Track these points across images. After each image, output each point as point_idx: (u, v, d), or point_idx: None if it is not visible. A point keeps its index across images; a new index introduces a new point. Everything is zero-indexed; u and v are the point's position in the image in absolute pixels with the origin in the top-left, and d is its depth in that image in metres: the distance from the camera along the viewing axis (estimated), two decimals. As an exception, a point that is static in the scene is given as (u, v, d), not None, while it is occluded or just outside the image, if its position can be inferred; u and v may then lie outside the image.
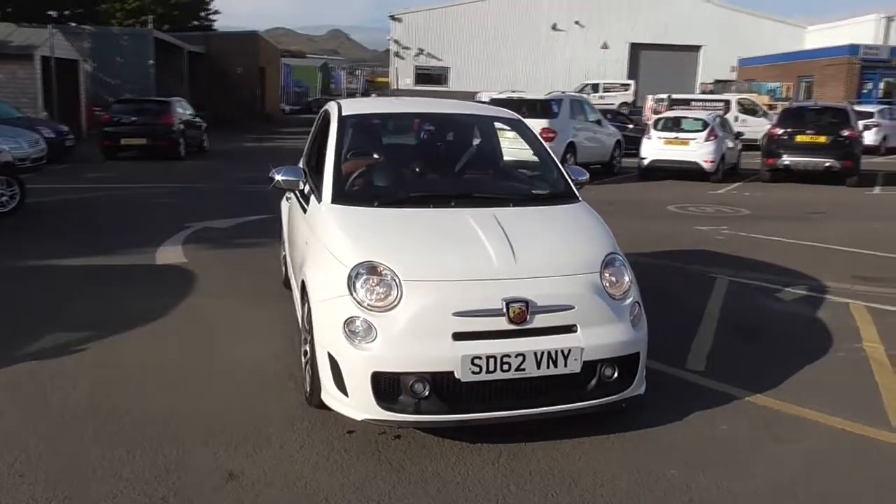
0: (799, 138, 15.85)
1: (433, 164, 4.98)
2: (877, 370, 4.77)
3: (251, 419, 3.88)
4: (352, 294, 3.53)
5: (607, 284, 3.77)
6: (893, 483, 3.44)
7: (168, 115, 18.83)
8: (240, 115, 33.24)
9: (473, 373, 3.38)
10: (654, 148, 16.41)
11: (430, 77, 43.63)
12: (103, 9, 38.22)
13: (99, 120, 20.32)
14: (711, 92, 35.83)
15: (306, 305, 3.98)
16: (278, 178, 4.56)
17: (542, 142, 5.02)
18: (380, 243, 3.74)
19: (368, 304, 3.50)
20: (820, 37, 40.09)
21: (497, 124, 5.34)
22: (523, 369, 3.43)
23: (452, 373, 3.38)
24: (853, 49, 32.23)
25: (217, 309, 5.83)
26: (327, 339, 3.58)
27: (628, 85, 38.66)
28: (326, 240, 3.92)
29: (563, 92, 21.06)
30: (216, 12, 45.13)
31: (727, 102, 26.66)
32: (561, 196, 4.50)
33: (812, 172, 15.68)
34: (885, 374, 4.71)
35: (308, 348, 3.98)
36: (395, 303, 3.47)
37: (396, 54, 44.32)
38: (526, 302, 3.47)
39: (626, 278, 3.87)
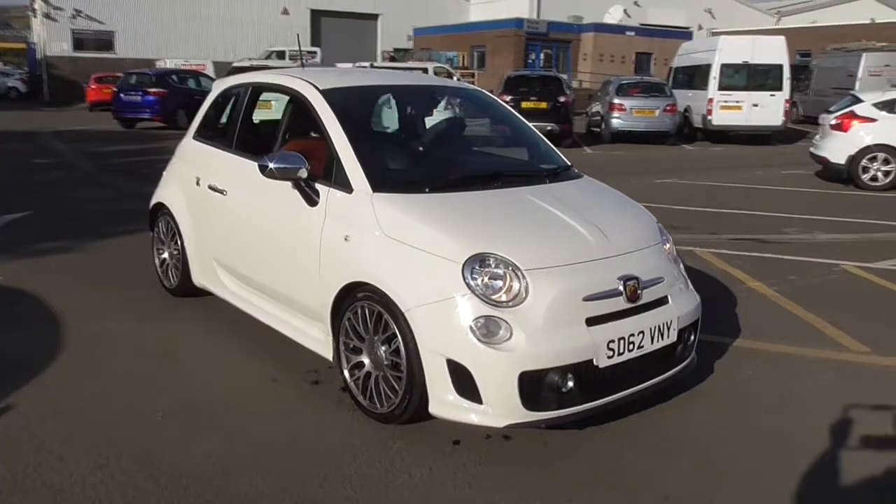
0: (524, 104, 17.36)
1: (440, 141, 4.60)
2: (784, 304, 5.58)
3: (346, 456, 3.33)
4: (472, 291, 3.19)
5: (668, 252, 3.90)
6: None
7: None
8: None
9: (608, 357, 3.32)
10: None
11: (92, 42, 38.98)
12: None
13: None
14: (393, 59, 37.45)
15: (359, 311, 3.52)
16: (272, 165, 3.84)
17: (520, 116, 4.92)
18: (479, 232, 3.42)
19: (493, 300, 3.20)
20: (482, 10, 43.74)
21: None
22: (643, 346, 3.45)
23: (591, 360, 3.27)
24: (518, 22, 35.86)
25: (125, 333, 4.76)
26: (445, 344, 3.21)
27: (315, 52, 38.48)
28: (399, 234, 3.45)
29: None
30: None
31: (425, 70, 28.28)
32: (568, 169, 4.46)
33: (537, 135, 17.39)
34: (793, 306, 5.54)
35: (371, 360, 3.59)
36: (523, 295, 3.23)
37: (47, 15, 38.62)
38: (637, 279, 3.46)
39: (671, 244, 4.04)
